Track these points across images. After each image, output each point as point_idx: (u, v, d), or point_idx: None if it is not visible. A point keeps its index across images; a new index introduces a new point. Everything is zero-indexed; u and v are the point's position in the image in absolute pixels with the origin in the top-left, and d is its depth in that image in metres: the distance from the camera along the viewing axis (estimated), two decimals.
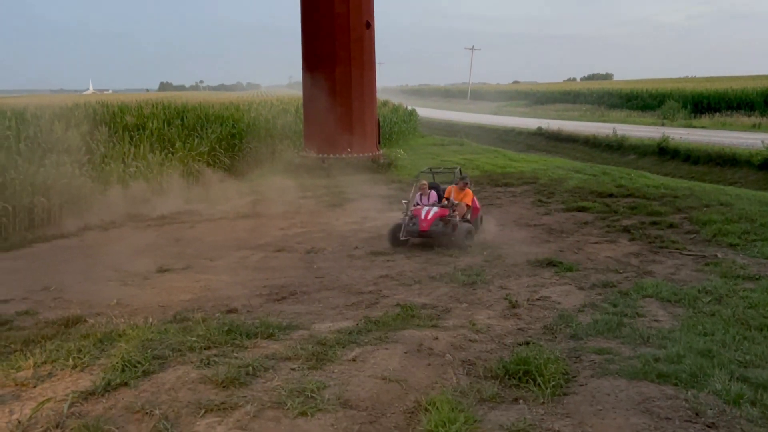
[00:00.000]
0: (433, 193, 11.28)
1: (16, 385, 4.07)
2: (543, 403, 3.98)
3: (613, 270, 8.46)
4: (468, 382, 4.39)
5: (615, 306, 6.62)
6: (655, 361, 4.69)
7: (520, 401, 4.05)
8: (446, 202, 10.83)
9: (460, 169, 11.99)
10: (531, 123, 38.49)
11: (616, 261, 9.01)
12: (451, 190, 11.12)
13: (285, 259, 10.04)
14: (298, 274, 9.13)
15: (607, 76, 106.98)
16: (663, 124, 34.70)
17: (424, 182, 11.40)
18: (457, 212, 10.61)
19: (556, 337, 5.67)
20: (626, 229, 10.97)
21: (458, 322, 6.19)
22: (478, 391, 4.18)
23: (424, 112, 48.27)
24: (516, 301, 7.00)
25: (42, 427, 3.34)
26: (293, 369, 4.36)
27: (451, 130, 39.42)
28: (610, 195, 14.30)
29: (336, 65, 19.23)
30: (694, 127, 33.29)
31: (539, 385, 4.22)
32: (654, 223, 11.31)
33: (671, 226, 11.06)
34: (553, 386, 4.20)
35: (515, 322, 6.34)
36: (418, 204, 10.99)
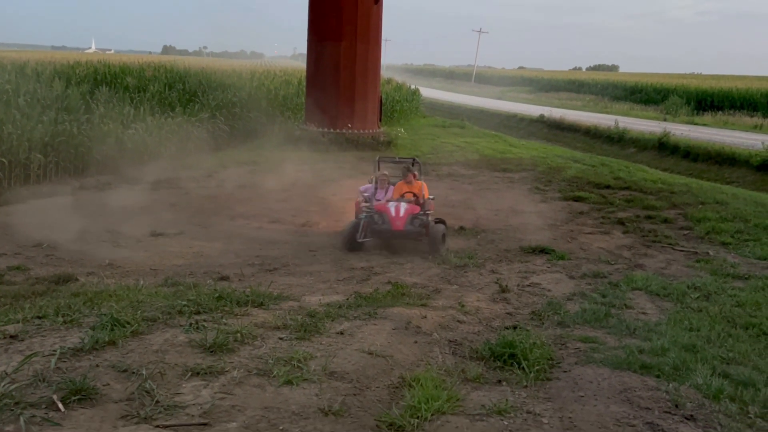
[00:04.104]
0: (392, 189, 9.63)
1: (5, 338, 4.08)
2: (526, 386, 4.02)
3: (605, 261, 8.50)
4: (453, 362, 4.43)
5: (604, 296, 6.67)
6: (640, 352, 4.74)
7: (504, 383, 4.09)
8: (413, 197, 9.35)
9: (413, 160, 10.24)
10: (534, 110, 38.36)
11: (608, 252, 9.05)
12: (401, 187, 9.56)
13: (279, 231, 10.06)
14: (291, 247, 9.16)
15: (613, 68, 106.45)
16: (665, 119, 34.62)
17: (385, 173, 9.87)
18: (429, 209, 9.17)
19: (543, 324, 5.71)
20: (621, 222, 11.01)
21: (447, 303, 6.22)
22: (463, 371, 4.22)
23: (428, 92, 48.04)
24: (506, 285, 7.04)
25: (28, 380, 3.37)
26: (281, 338, 4.39)
27: (453, 112, 39.28)
28: (607, 186, 14.32)
29: (342, 39, 19.06)
30: (696, 124, 33.22)
31: (523, 368, 4.26)
32: (649, 217, 11.35)
33: (666, 221, 11.10)
34: (537, 371, 4.24)
35: (504, 306, 6.38)
36: (378, 199, 9.44)
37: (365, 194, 9.55)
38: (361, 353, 4.25)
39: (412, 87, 35.97)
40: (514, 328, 5.38)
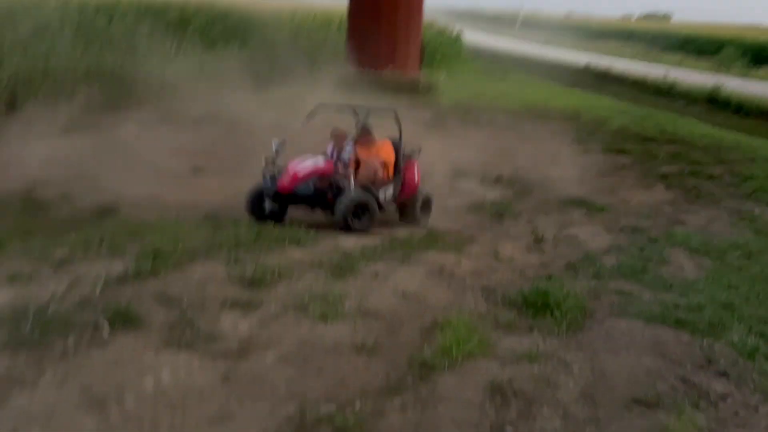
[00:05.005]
0: (349, 149, 7.46)
1: (53, 263, 4.25)
2: (558, 335, 4.03)
3: (645, 216, 8.35)
4: (485, 308, 4.46)
5: (642, 251, 6.57)
6: (675, 307, 4.69)
7: (535, 331, 4.11)
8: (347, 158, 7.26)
9: (396, 113, 7.87)
10: (580, 58, 37.19)
11: (649, 207, 8.89)
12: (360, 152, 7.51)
13: None
14: None
15: (666, 17, 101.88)
16: (718, 72, 33.24)
17: (339, 128, 7.79)
18: (360, 173, 7.23)
19: (578, 275, 5.68)
20: (664, 176, 10.75)
21: (482, 251, 6.23)
22: (495, 316, 4.25)
23: (471, 36, 46.84)
24: (542, 236, 7.00)
25: (75, 303, 3.51)
26: (317, 276, 4.47)
27: (497, 57, 38.34)
28: (652, 140, 13.92)
29: None
30: (751, 78, 31.81)
31: (556, 317, 4.27)
32: (693, 173, 11.04)
33: (711, 177, 10.80)
34: (570, 320, 4.24)
35: (539, 256, 6.36)
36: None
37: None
38: (394, 294, 4.32)
39: (455, 31, 35.08)
40: (549, 277, 5.37)
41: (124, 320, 3.36)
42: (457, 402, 3.09)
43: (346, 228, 6.63)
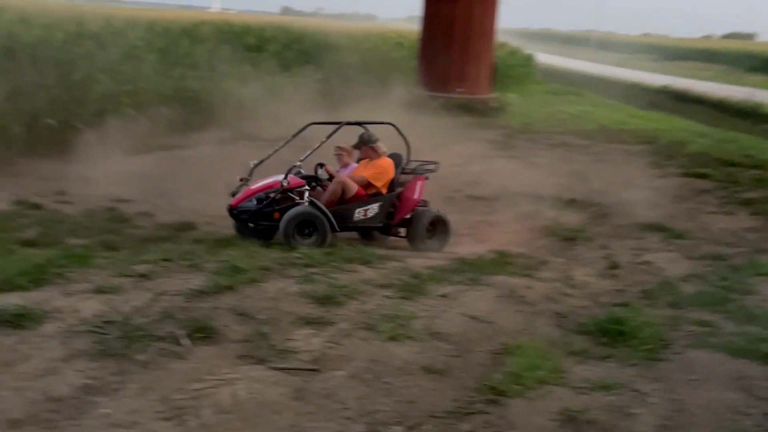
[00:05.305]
0: (354, 166, 7.73)
1: (136, 276, 4.45)
2: (634, 365, 3.90)
3: (727, 243, 8.00)
4: (558, 334, 4.37)
5: (724, 280, 6.28)
6: (760, 341, 4.44)
7: (610, 360, 3.99)
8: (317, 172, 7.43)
9: (396, 126, 7.86)
10: (657, 79, 36.14)
11: (731, 234, 8.51)
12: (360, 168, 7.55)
13: None
14: None
15: (749, 36, 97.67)
16: None
17: (341, 146, 7.83)
18: (328, 189, 7.19)
19: (655, 303, 5.49)
20: (747, 202, 10.26)
21: (554, 276, 6.11)
22: (568, 343, 4.15)
23: (544, 57, 46.35)
24: (617, 261, 6.81)
25: (157, 315, 3.67)
26: (386, 296, 4.50)
27: (570, 78, 37.74)
28: (735, 164, 13.31)
29: (458, 0, 18.72)
30: None
31: (632, 346, 4.13)
32: None
33: None
34: (646, 350, 4.09)
35: (613, 282, 6.19)
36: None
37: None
38: (463, 317, 4.29)
39: (527, 52, 34.81)
40: (624, 305, 5.21)
41: (203, 333, 3.48)
42: (529, 429, 3.04)
43: (288, 243, 6.36)
